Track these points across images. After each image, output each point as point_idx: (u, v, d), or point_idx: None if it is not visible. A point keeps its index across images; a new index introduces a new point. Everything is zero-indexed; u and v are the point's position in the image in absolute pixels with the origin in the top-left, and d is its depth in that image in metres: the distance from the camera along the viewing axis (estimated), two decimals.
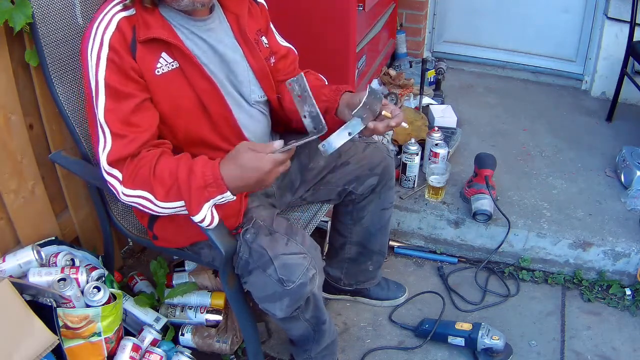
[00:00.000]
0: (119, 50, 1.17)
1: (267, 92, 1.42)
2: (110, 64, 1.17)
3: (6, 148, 1.46)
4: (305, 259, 1.26)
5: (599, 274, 1.97)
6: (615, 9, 2.65)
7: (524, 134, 2.58)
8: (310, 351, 1.52)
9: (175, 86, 1.24)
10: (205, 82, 1.27)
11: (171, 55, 1.23)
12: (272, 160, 1.12)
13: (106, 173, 1.21)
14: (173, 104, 1.25)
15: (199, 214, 1.16)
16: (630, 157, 2.16)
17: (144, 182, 1.18)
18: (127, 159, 1.19)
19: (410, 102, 2.58)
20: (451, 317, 1.82)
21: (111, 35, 1.17)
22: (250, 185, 1.15)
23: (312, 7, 1.99)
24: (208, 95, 1.28)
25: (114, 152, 1.19)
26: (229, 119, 1.32)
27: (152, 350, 1.49)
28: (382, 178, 1.59)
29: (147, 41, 1.19)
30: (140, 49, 1.19)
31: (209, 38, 1.29)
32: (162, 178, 1.17)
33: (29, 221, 1.56)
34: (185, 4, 1.21)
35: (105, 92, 1.18)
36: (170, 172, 1.17)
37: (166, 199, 1.18)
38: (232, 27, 1.36)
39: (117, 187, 1.21)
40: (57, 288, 1.30)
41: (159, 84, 1.22)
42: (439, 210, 2.09)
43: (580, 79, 3.02)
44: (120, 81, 1.18)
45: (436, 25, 3.23)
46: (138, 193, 1.19)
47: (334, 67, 2.07)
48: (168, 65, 1.23)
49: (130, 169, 1.19)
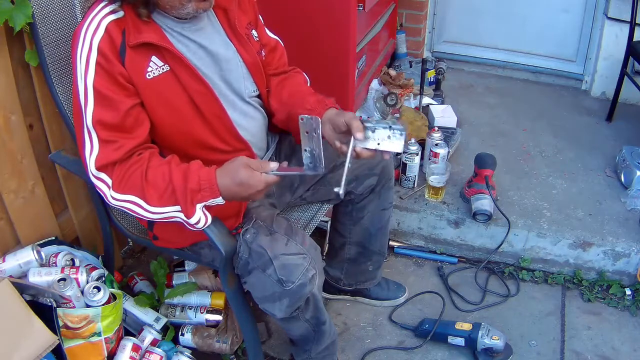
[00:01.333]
0: (107, 55, 1.15)
1: (259, 86, 1.41)
2: (98, 69, 1.16)
3: (6, 148, 1.46)
4: (305, 259, 1.26)
5: (599, 274, 1.97)
6: (615, 9, 2.65)
7: (524, 134, 2.58)
8: (310, 351, 1.52)
9: (167, 89, 1.23)
10: (198, 83, 1.25)
11: (162, 59, 1.21)
12: (264, 182, 1.16)
13: (94, 177, 1.20)
14: (166, 107, 1.24)
15: (194, 215, 1.18)
16: (630, 157, 2.16)
17: (135, 187, 1.18)
18: (115, 164, 1.19)
19: (410, 102, 2.58)
20: (451, 317, 1.82)
21: (100, 40, 1.15)
22: (238, 198, 1.20)
23: (312, 7, 1.99)
24: (201, 96, 1.26)
25: (102, 157, 1.18)
26: (224, 119, 1.31)
27: (152, 350, 1.49)
28: (381, 178, 1.59)
29: (137, 45, 1.18)
30: (129, 53, 1.17)
31: (198, 38, 1.28)
32: (155, 182, 1.17)
33: (29, 221, 1.56)
34: (186, 12, 1.20)
35: (94, 98, 1.16)
36: (163, 176, 1.18)
37: (159, 204, 1.18)
38: (221, 23, 1.34)
39: (105, 191, 1.21)
40: (57, 288, 1.30)
41: (150, 87, 1.21)
42: (439, 210, 2.09)
43: (580, 79, 3.02)
44: (108, 87, 1.17)
45: (436, 25, 3.23)
46: (128, 198, 1.19)
47: (334, 66, 2.07)
48: (159, 69, 1.21)
49: (119, 174, 1.19)
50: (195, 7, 1.19)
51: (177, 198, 1.17)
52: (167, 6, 1.19)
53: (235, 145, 1.35)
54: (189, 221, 1.19)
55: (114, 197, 1.20)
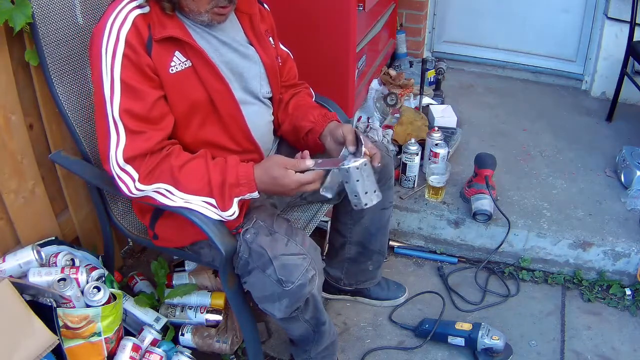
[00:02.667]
0: (135, 47, 1.18)
1: (274, 89, 1.45)
2: (125, 61, 1.17)
3: (6, 148, 1.46)
4: (305, 259, 1.26)
5: (599, 274, 1.97)
6: (615, 9, 2.65)
7: (524, 134, 2.58)
8: (309, 351, 1.52)
9: (188, 85, 1.26)
10: (218, 81, 1.28)
11: (184, 54, 1.24)
12: (298, 182, 1.21)
13: (119, 169, 1.21)
14: (185, 103, 1.27)
15: (231, 208, 1.23)
16: (630, 157, 2.16)
17: (165, 175, 1.21)
18: (146, 155, 1.21)
19: (410, 102, 2.58)
20: (451, 317, 1.82)
21: (127, 32, 1.18)
22: (272, 193, 1.30)
23: (312, 7, 1.99)
24: (219, 94, 1.29)
25: (131, 149, 1.20)
26: (238, 119, 1.34)
27: (152, 350, 1.49)
28: (381, 177, 1.59)
29: (162, 40, 1.21)
30: (155, 47, 1.20)
31: (221, 36, 1.31)
32: (190, 172, 1.22)
33: (29, 221, 1.56)
34: (202, 20, 1.25)
35: (121, 89, 1.18)
36: (199, 167, 1.23)
37: (191, 192, 1.22)
38: (243, 26, 1.38)
39: (128, 183, 1.21)
40: (57, 288, 1.30)
41: (172, 82, 1.24)
42: (439, 210, 2.09)
43: (580, 79, 3.02)
44: (136, 78, 1.19)
45: (436, 25, 3.23)
46: (156, 187, 1.22)
47: (334, 67, 2.07)
48: (182, 64, 1.24)
49: (149, 165, 1.20)
50: (210, 18, 1.24)
51: (212, 191, 1.21)
52: (186, 9, 1.23)
53: (246, 146, 1.38)
54: (223, 214, 1.23)
55: (139, 189, 1.22)
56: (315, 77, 1.67)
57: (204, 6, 1.21)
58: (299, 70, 1.59)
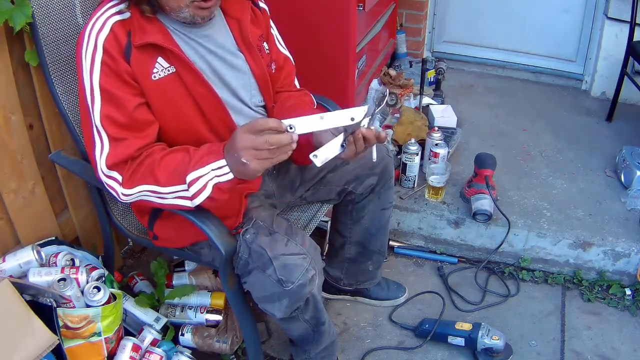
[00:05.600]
0: (112, 54, 1.16)
1: (266, 99, 1.41)
2: (104, 68, 1.16)
3: (6, 148, 1.46)
4: (305, 259, 1.26)
5: (599, 274, 1.97)
6: (615, 9, 2.65)
7: (524, 134, 2.58)
8: (309, 351, 1.52)
9: (172, 91, 1.23)
10: (203, 87, 1.25)
11: (167, 60, 1.21)
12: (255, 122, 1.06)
13: (105, 176, 1.21)
14: (171, 109, 1.24)
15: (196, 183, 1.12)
16: (630, 157, 2.16)
17: (146, 175, 1.18)
18: (127, 162, 1.19)
19: (410, 102, 2.58)
20: (451, 317, 1.82)
21: (105, 39, 1.16)
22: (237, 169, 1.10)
23: (312, 7, 1.99)
24: (206, 100, 1.26)
25: (113, 156, 1.19)
26: (228, 124, 1.31)
27: (152, 350, 1.49)
28: (382, 177, 1.59)
29: (143, 46, 1.18)
30: (135, 53, 1.17)
31: (207, 43, 1.28)
32: (166, 164, 1.17)
33: (29, 221, 1.56)
34: (184, 17, 1.20)
35: (101, 96, 1.17)
36: (175, 157, 1.18)
37: (169, 182, 1.16)
38: (233, 33, 1.33)
39: (116, 189, 1.21)
40: (57, 288, 1.30)
41: (155, 89, 1.21)
42: (439, 210, 2.09)
43: (580, 79, 3.02)
44: (115, 85, 1.17)
45: (436, 25, 3.23)
46: (139, 189, 1.19)
47: (334, 66, 2.07)
48: (164, 70, 1.21)
49: (130, 170, 1.19)
50: (192, 13, 1.19)
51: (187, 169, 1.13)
52: (167, 8, 1.19)
53: None
54: (188, 194, 1.14)
55: (125, 194, 1.20)
56: (315, 77, 1.66)
57: (183, 0, 1.16)
58: (298, 71, 1.56)
